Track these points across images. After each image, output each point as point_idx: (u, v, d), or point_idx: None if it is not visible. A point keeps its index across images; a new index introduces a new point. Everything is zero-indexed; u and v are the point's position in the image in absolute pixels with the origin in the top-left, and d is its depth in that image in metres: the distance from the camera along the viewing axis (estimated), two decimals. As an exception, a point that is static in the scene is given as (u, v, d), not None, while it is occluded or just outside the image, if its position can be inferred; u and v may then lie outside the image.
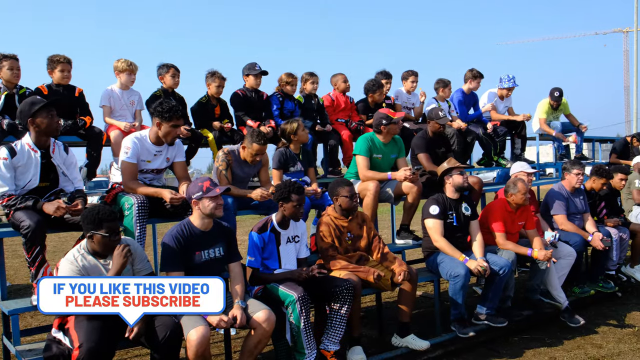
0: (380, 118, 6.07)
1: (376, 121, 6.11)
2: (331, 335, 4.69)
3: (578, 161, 7.09)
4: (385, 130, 6.05)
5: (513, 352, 5.39)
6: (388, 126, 6.03)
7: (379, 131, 6.08)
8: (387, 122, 6.02)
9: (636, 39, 30.66)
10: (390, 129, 6.06)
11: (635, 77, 31.40)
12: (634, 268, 7.58)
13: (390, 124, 6.04)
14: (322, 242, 5.09)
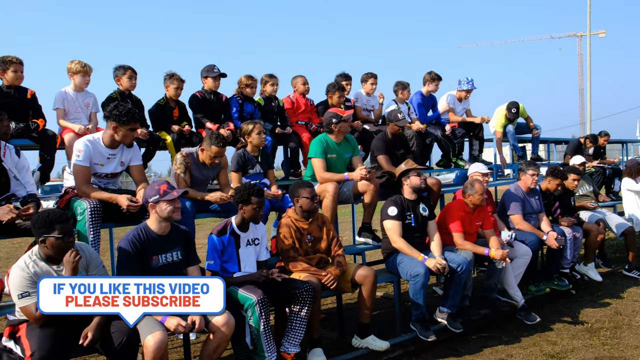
0: (330, 117, 6.10)
1: (326, 121, 6.14)
2: (291, 338, 4.68)
3: (533, 162, 7.24)
4: (336, 129, 6.08)
5: (471, 350, 5.48)
6: (338, 124, 6.06)
7: (330, 131, 6.11)
8: (337, 121, 6.05)
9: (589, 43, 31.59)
10: (341, 127, 6.09)
11: (588, 80, 32.28)
12: (587, 266, 7.77)
13: (340, 122, 6.07)
14: (283, 244, 5.08)
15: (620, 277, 8.26)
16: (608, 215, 8.59)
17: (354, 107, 7.75)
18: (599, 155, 10.80)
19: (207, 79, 6.45)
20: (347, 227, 12.42)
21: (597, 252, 8.56)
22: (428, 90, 8.31)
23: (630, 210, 9.25)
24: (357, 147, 6.49)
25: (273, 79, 6.97)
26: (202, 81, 6.51)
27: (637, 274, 8.17)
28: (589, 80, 31.95)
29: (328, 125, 6.12)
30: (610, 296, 7.23)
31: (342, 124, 6.10)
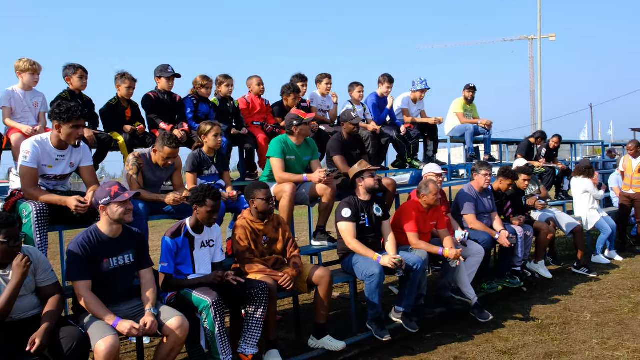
0: (291, 119, 6.09)
1: (287, 122, 6.13)
2: (248, 339, 4.65)
3: (486, 163, 7.38)
4: (297, 131, 6.07)
5: (426, 348, 5.54)
6: (299, 127, 6.06)
7: (291, 132, 6.11)
8: (297, 123, 6.05)
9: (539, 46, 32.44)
10: (301, 129, 6.09)
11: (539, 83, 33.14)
12: (537, 264, 7.99)
13: (301, 125, 6.07)
14: (238, 245, 5.05)
15: (570, 274, 8.51)
16: (558, 214, 8.84)
17: (309, 108, 7.75)
18: (551, 156, 11.11)
19: (161, 79, 6.34)
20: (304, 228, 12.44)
21: (547, 250, 8.81)
22: (382, 92, 8.37)
23: (580, 210, 9.56)
24: (317, 151, 6.50)
25: (228, 80, 6.91)
26: (156, 81, 6.39)
27: (586, 271, 8.42)
28: (539, 82, 32.82)
29: (289, 127, 6.11)
30: (559, 293, 7.43)
31: (302, 126, 6.10)
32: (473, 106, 10.00)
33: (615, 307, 6.63)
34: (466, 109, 9.86)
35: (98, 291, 3.95)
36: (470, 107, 9.93)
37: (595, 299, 7.02)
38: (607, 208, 11.41)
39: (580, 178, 9.55)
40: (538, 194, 8.67)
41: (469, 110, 9.93)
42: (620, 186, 10.55)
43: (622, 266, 8.98)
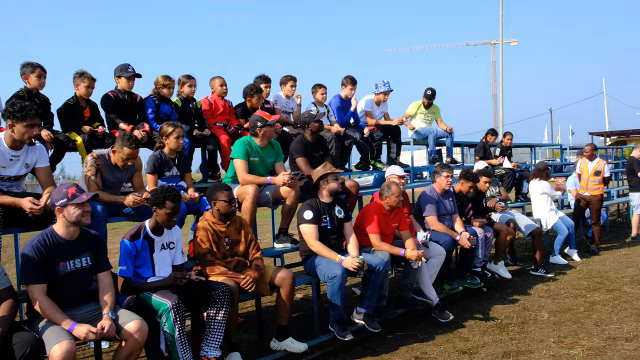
0: (256, 120, 6.06)
1: (252, 124, 6.09)
2: (210, 341, 4.61)
3: (447, 165, 7.47)
4: (261, 132, 6.05)
5: (388, 349, 5.58)
6: (263, 128, 6.04)
7: (255, 134, 6.08)
8: (262, 125, 6.02)
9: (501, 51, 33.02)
10: (265, 131, 6.07)
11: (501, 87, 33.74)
12: (497, 264, 8.14)
13: (266, 127, 6.04)
14: (200, 247, 5.00)
15: (528, 275, 8.69)
16: (517, 216, 9.02)
17: (273, 110, 7.74)
18: (505, 155, 11.31)
19: (121, 78, 6.24)
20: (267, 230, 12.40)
21: (507, 250, 8.99)
22: (346, 94, 8.41)
23: (538, 211, 9.77)
24: (281, 153, 6.47)
25: (191, 80, 6.84)
26: (116, 80, 6.29)
27: (543, 272, 8.61)
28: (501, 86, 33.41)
29: (253, 128, 6.07)
30: (518, 293, 7.58)
31: (267, 128, 6.07)
32: (436, 109, 10.12)
33: (571, 306, 6.79)
34: (423, 112, 9.96)
35: (54, 295, 3.85)
36: (427, 110, 10.03)
37: (552, 299, 7.18)
38: (564, 209, 11.71)
39: (537, 180, 9.79)
40: (498, 196, 8.82)
41: (430, 114, 10.03)
42: (577, 188, 10.84)
43: (579, 266, 9.21)
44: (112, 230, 13.62)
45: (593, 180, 10.50)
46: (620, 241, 11.65)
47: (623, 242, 11.55)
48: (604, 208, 12.41)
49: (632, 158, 12.05)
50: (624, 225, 13.85)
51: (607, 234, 12.63)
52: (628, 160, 12.32)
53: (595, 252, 10.25)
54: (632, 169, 11.80)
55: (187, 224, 6.15)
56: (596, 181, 10.49)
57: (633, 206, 11.95)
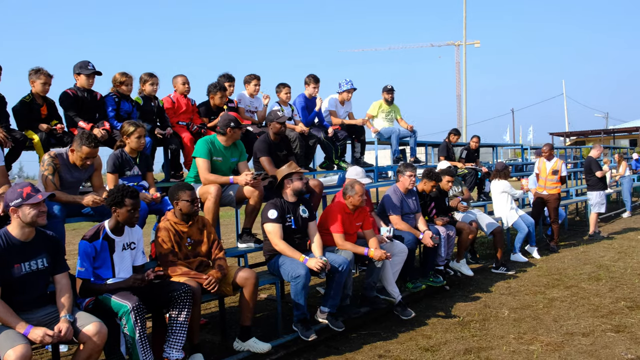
0: (229, 120, 6.01)
1: (224, 122, 6.03)
2: (172, 343, 4.54)
3: (411, 164, 7.53)
4: (230, 133, 6.00)
5: (352, 347, 5.59)
6: (234, 130, 5.99)
7: (224, 133, 6.02)
8: (234, 126, 5.98)
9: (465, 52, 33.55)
10: (235, 133, 6.03)
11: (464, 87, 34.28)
12: (459, 263, 8.24)
13: (236, 129, 6.01)
14: (161, 248, 4.93)
15: (490, 272, 8.84)
16: (479, 215, 9.15)
17: (237, 108, 7.68)
18: (472, 158, 11.49)
19: (80, 75, 6.09)
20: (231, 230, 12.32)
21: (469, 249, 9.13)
22: (310, 93, 8.40)
23: (499, 210, 9.95)
24: (244, 152, 6.43)
25: (153, 78, 6.73)
26: (75, 78, 6.13)
27: (504, 270, 8.76)
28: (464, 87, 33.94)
29: (224, 126, 6.01)
30: (480, 290, 7.69)
31: (237, 130, 6.03)
32: (395, 107, 10.22)
33: (531, 303, 6.92)
34: (385, 110, 10.05)
35: (8, 298, 3.75)
36: (389, 108, 10.13)
37: (513, 296, 7.31)
38: (525, 208, 11.94)
39: (497, 180, 9.97)
40: (461, 195, 8.94)
41: (390, 112, 10.12)
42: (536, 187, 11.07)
43: (539, 264, 9.40)
44: (73, 231, 13.42)
45: (551, 180, 10.73)
46: (579, 239, 11.94)
47: (581, 239, 11.84)
48: (563, 207, 12.70)
49: (589, 158, 12.37)
50: (582, 224, 14.21)
51: (566, 232, 12.93)
52: (586, 160, 12.63)
53: (554, 250, 10.48)
54: (590, 169, 12.11)
55: (149, 224, 6.06)
56: (554, 180, 10.72)
57: (591, 205, 12.26)
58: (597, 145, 13.18)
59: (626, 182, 16.40)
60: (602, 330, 5.77)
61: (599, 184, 12.05)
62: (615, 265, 8.93)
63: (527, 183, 10.40)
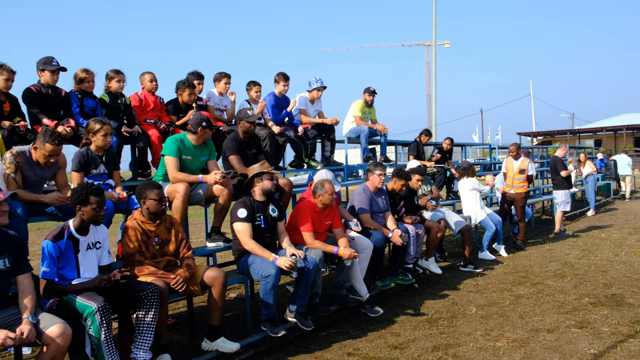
0: (201, 119, 5.95)
1: (196, 121, 5.96)
2: (140, 344, 4.49)
3: (380, 163, 7.56)
4: (201, 132, 5.95)
5: (321, 346, 5.60)
6: (205, 129, 5.94)
7: (195, 132, 5.96)
8: (206, 125, 5.93)
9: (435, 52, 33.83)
10: (205, 133, 5.98)
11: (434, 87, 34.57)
12: (428, 261, 8.32)
13: (207, 129, 5.95)
14: (128, 247, 4.86)
15: (458, 270, 8.94)
16: (448, 214, 9.25)
17: (206, 106, 7.61)
18: (445, 158, 11.61)
19: (44, 72, 5.94)
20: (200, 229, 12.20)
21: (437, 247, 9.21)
22: (280, 91, 8.37)
23: (468, 208, 10.07)
24: (214, 151, 6.38)
25: (119, 75, 6.61)
26: (39, 74, 5.98)
27: (472, 268, 8.87)
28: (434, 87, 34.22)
29: (196, 125, 5.94)
30: (448, 288, 7.77)
31: (208, 130, 5.98)
32: (372, 109, 10.26)
33: (498, 300, 7.02)
34: (364, 111, 10.10)
35: (-32, 300, 3.66)
36: (369, 110, 10.18)
37: (480, 293, 7.40)
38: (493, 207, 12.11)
39: (464, 179, 10.11)
40: (430, 194, 9.02)
41: (367, 113, 10.17)
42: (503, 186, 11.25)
43: (506, 262, 9.55)
44: (37, 231, 13.15)
45: (518, 179, 10.90)
46: (545, 237, 12.16)
47: (547, 237, 12.06)
48: (530, 205, 12.93)
49: (555, 157, 12.61)
50: (549, 222, 14.47)
51: (533, 230, 13.15)
52: (552, 159, 12.86)
53: (521, 248, 10.66)
54: (556, 168, 12.34)
55: (116, 223, 5.97)
56: (521, 179, 10.89)
57: (556, 203, 12.49)
58: (562, 145, 13.45)
59: (590, 182, 16.77)
60: (566, 326, 5.88)
61: (564, 183, 12.29)
62: (580, 263, 9.11)
63: (493, 179, 10.57)
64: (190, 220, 6.23)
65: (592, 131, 57.91)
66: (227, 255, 7.44)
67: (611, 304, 6.62)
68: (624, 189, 20.81)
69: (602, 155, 21.92)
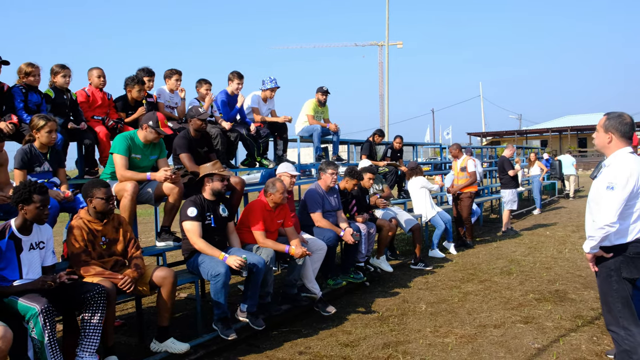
0: (149, 119, 5.84)
1: (145, 120, 5.86)
2: (86, 347, 4.37)
3: (333, 162, 7.59)
4: (147, 130, 5.83)
5: (272, 345, 5.59)
6: (150, 129, 5.82)
7: (140, 127, 5.85)
8: (154, 125, 5.81)
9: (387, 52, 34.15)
10: (150, 133, 5.85)
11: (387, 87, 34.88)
12: (379, 259, 8.40)
13: (154, 130, 5.83)
14: (73, 247, 4.73)
15: (409, 268, 9.07)
16: (399, 213, 9.36)
17: (156, 104, 7.48)
18: (395, 157, 11.74)
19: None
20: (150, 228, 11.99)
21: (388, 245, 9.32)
22: (232, 90, 8.30)
23: (418, 206, 10.23)
24: (164, 149, 6.27)
25: (65, 70, 6.41)
26: (-21, 69, 5.77)
27: (422, 266, 9.01)
28: (387, 86, 34.54)
29: (144, 123, 5.83)
30: (399, 286, 7.88)
31: (153, 132, 5.85)
32: (325, 108, 10.28)
33: (447, 297, 7.15)
34: (317, 111, 10.11)
35: None
36: (321, 109, 10.20)
37: (430, 291, 7.53)
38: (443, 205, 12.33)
39: (413, 178, 10.27)
40: (381, 193, 9.11)
41: (320, 112, 10.19)
42: (452, 185, 11.48)
43: (455, 259, 9.74)
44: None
45: (461, 177, 11.11)
46: (493, 235, 12.47)
47: (495, 235, 12.37)
48: (478, 204, 13.22)
49: (503, 157, 12.94)
50: (496, 221, 14.84)
51: (481, 228, 13.47)
52: (499, 159, 13.19)
53: (470, 246, 10.88)
54: (503, 168, 12.67)
55: (61, 222, 5.81)
56: (464, 177, 11.08)
57: (504, 202, 12.82)
58: (510, 145, 13.80)
59: (536, 181, 17.29)
60: (512, 321, 6.04)
61: (511, 182, 12.63)
62: (526, 260, 9.38)
63: (441, 179, 10.78)
64: (140, 219, 6.11)
65: (538, 132, 59.71)
66: (177, 254, 7.34)
67: (555, 299, 6.84)
68: (568, 188, 21.53)
69: (547, 156, 22.60)
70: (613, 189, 3.84)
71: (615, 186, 3.84)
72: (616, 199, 3.83)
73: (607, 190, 3.88)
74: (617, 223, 3.86)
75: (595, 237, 3.93)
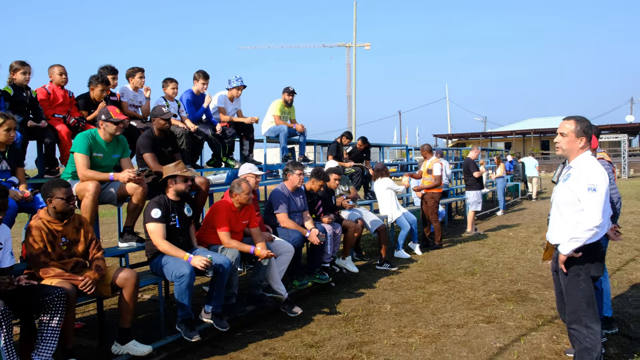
0: (101, 113, 5.75)
1: (99, 116, 5.76)
2: (42, 351, 4.27)
3: (299, 163, 7.59)
4: (103, 126, 5.73)
5: (237, 347, 5.54)
6: (105, 123, 5.71)
7: (98, 126, 5.76)
8: (105, 119, 5.71)
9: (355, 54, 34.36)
10: (107, 127, 5.74)
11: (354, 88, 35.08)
12: (345, 260, 8.43)
13: (108, 122, 5.72)
14: (32, 248, 4.62)
15: (374, 269, 9.10)
16: (365, 214, 9.41)
17: (119, 102, 7.36)
18: (360, 158, 11.79)
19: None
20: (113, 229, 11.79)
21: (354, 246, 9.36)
22: (198, 89, 8.23)
23: (384, 207, 10.30)
24: (128, 148, 6.16)
25: (25, 67, 6.25)
26: None
27: (388, 266, 9.07)
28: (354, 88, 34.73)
29: (98, 120, 5.73)
30: (364, 286, 7.91)
31: (109, 124, 5.74)
32: (292, 109, 10.28)
33: (412, 297, 7.21)
34: (284, 111, 10.11)
35: None
36: (288, 109, 10.20)
37: (395, 291, 7.58)
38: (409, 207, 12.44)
39: (379, 179, 10.34)
40: (347, 194, 9.14)
41: (287, 113, 10.19)
42: (419, 186, 11.58)
43: (420, 260, 9.83)
44: None
45: (427, 178, 11.21)
46: (457, 236, 12.63)
47: (459, 236, 12.52)
48: (443, 205, 13.37)
49: (468, 159, 13.12)
50: (461, 222, 15.04)
51: (446, 229, 13.62)
52: (465, 160, 13.37)
53: (437, 247, 10.96)
54: (468, 169, 12.84)
55: (20, 223, 5.67)
56: (429, 179, 11.16)
57: (469, 203, 13.00)
58: (475, 147, 14.00)
59: (500, 183, 17.61)
60: (475, 321, 6.13)
61: (476, 183, 12.80)
62: (489, 260, 9.53)
63: (408, 180, 10.87)
64: (103, 219, 6.01)
65: (502, 134, 60.78)
66: (141, 255, 7.25)
67: (516, 299, 6.96)
68: (531, 189, 21.95)
69: (511, 158, 23.01)
70: (595, 190, 3.90)
71: (597, 187, 3.89)
72: (600, 200, 3.89)
73: (589, 192, 3.91)
74: (605, 223, 3.93)
75: (581, 239, 3.94)
